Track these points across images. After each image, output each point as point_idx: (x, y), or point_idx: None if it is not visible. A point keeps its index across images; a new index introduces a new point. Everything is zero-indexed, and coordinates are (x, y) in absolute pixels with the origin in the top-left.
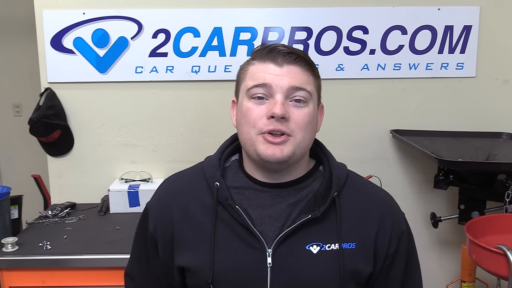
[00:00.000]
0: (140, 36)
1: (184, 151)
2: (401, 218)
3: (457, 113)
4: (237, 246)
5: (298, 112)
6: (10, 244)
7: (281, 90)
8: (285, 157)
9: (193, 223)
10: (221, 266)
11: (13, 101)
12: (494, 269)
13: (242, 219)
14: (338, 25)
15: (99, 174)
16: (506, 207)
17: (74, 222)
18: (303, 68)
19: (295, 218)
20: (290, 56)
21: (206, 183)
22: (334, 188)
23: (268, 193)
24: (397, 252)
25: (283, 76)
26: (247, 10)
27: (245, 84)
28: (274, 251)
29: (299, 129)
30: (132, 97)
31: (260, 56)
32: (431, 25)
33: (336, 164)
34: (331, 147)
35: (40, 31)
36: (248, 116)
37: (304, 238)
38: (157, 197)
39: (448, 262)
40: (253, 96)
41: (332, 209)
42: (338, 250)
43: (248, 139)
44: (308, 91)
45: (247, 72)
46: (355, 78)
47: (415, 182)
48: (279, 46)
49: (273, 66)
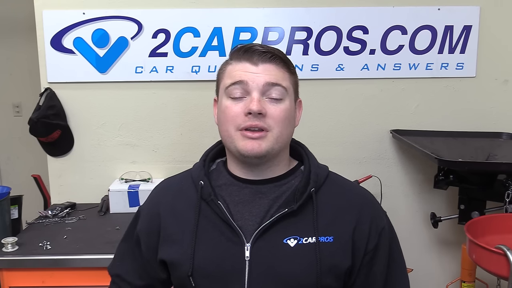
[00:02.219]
0: (140, 36)
1: (184, 151)
2: (381, 215)
3: (457, 113)
4: (218, 241)
5: (274, 108)
6: (10, 244)
7: (257, 87)
8: (263, 151)
9: (179, 218)
10: (201, 259)
11: (13, 101)
12: (494, 269)
13: (223, 214)
14: (338, 25)
15: (99, 174)
16: (506, 207)
17: (74, 222)
18: (278, 66)
19: (273, 213)
20: (265, 55)
21: (193, 184)
22: (312, 184)
23: (249, 189)
24: (378, 248)
25: (259, 74)
26: (247, 10)
27: (223, 83)
28: (253, 245)
29: (276, 124)
30: (132, 97)
31: (237, 56)
32: (431, 25)
33: (317, 164)
34: (331, 147)
35: (40, 31)
36: (226, 114)
37: (281, 232)
38: (148, 199)
39: (448, 262)
40: (231, 94)
41: (309, 204)
42: (315, 243)
43: (228, 136)
44: (284, 86)
45: (225, 72)
46: (355, 78)
47: (415, 182)
48: (255, 46)
49: (249, 64)
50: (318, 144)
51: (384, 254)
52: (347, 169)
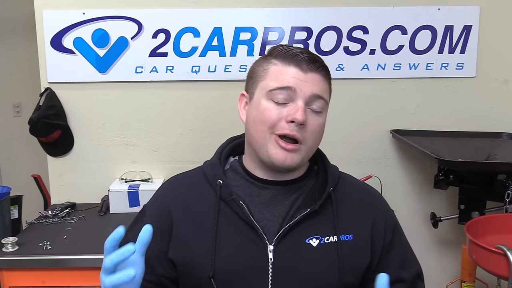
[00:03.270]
0: (140, 36)
1: (184, 151)
2: (391, 212)
3: (457, 113)
4: (239, 242)
5: (314, 121)
6: (10, 244)
7: (303, 96)
8: (294, 164)
9: (194, 219)
10: (222, 261)
11: (13, 101)
12: (494, 269)
13: (245, 215)
14: (338, 25)
15: (99, 174)
16: (506, 207)
17: (74, 222)
18: (324, 78)
19: (294, 214)
20: (314, 65)
21: (207, 183)
22: (330, 183)
23: (269, 190)
24: (393, 243)
25: (307, 82)
26: (247, 10)
27: (265, 83)
28: (276, 246)
29: (312, 137)
30: (132, 97)
31: (284, 58)
32: (431, 25)
33: (330, 164)
34: (331, 147)
35: (40, 31)
36: (266, 116)
37: (303, 232)
38: (156, 196)
39: (448, 262)
40: (275, 98)
41: (328, 203)
42: (336, 242)
43: (261, 138)
44: (326, 100)
45: (268, 72)
46: (355, 78)
47: (415, 182)
48: (302, 53)
49: (297, 71)
50: None
51: (399, 249)
52: (347, 169)
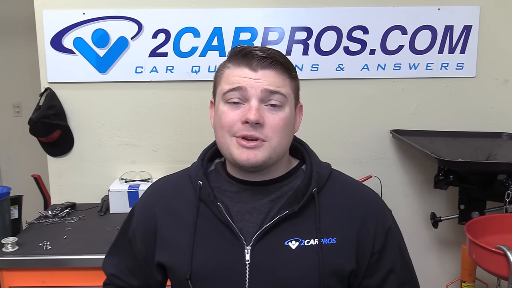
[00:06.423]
0: (140, 36)
1: (184, 151)
2: (386, 214)
3: (457, 113)
4: (217, 243)
5: (273, 117)
6: (10, 244)
7: (255, 94)
8: (259, 162)
9: (176, 219)
10: (199, 262)
11: (13, 101)
12: (494, 269)
13: (223, 216)
14: (338, 25)
15: (99, 174)
16: (506, 207)
17: (74, 222)
18: (279, 72)
19: (274, 215)
20: (265, 61)
21: (191, 184)
22: (313, 184)
23: (249, 191)
24: (385, 248)
25: (258, 80)
26: (247, 10)
27: (221, 88)
28: (253, 248)
29: (274, 134)
30: (132, 97)
31: (236, 59)
32: (431, 25)
33: (319, 162)
34: (331, 147)
35: (40, 31)
36: (223, 120)
37: (282, 234)
38: (143, 196)
39: (448, 262)
40: (229, 100)
41: (311, 205)
42: (317, 245)
43: (223, 143)
44: (283, 94)
45: (223, 76)
46: (355, 78)
47: (415, 182)
48: (254, 50)
49: (247, 70)
50: (318, 144)
51: (393, 254)
52: (347, 169)
